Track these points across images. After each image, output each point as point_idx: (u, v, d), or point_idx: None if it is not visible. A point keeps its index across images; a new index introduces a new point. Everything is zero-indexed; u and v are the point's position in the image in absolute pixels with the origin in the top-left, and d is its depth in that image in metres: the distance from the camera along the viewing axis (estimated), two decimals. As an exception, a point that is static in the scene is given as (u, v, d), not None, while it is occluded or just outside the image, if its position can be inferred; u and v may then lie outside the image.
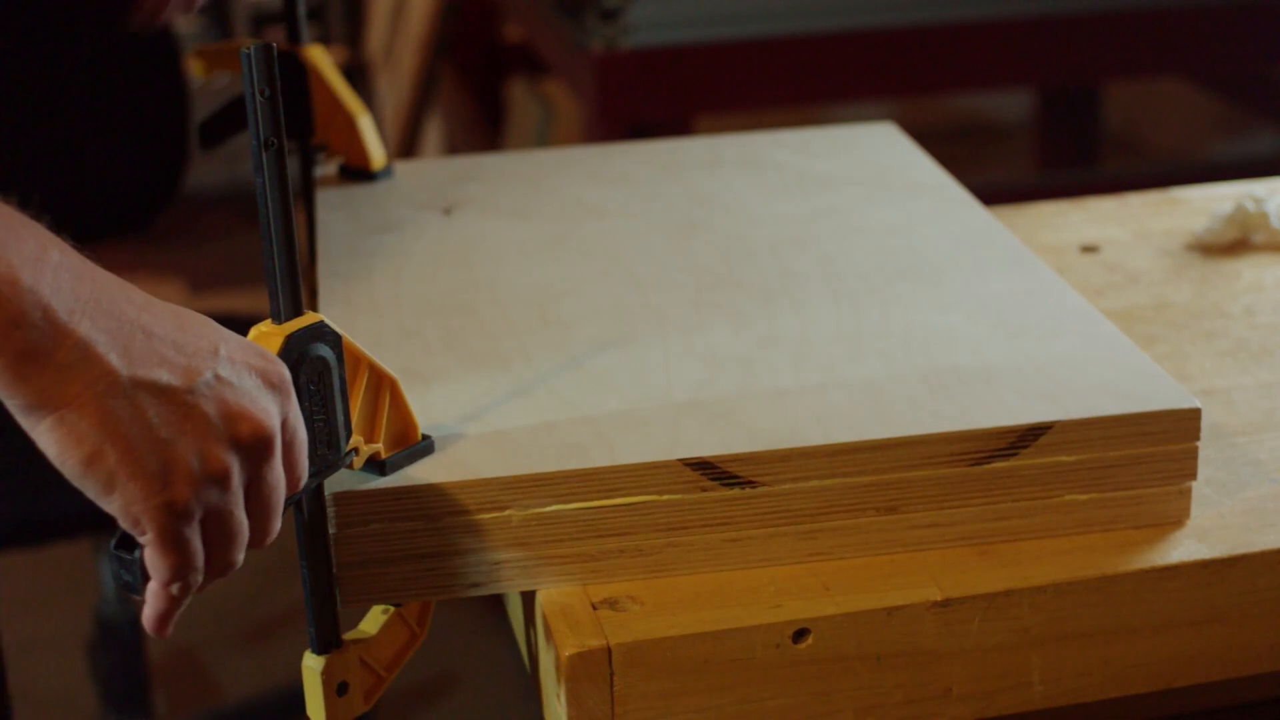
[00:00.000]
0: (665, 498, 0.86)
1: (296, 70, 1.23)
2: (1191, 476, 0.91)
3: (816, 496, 0.87)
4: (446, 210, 1.19)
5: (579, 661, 0.82)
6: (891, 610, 0.85)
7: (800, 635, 0.84)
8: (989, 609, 0.86)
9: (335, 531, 0.84)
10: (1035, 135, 3.14)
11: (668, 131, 1.95)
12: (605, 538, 0.86)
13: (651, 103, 2.11)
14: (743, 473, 0.86)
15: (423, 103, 3.11)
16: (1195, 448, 0.90)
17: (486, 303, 1.04)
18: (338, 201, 1.21)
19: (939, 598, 0.85)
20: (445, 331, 1.00)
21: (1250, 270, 1.23)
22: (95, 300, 0.69)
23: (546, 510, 0.85)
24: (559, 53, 2.27)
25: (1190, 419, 0.89)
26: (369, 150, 1.24)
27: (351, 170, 1.25)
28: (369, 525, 0.84)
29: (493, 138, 2.99)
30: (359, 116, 1.23)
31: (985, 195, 1.24)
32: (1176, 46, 2.26)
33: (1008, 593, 0.86)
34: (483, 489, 0.85)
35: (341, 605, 0.86)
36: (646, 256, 1.10)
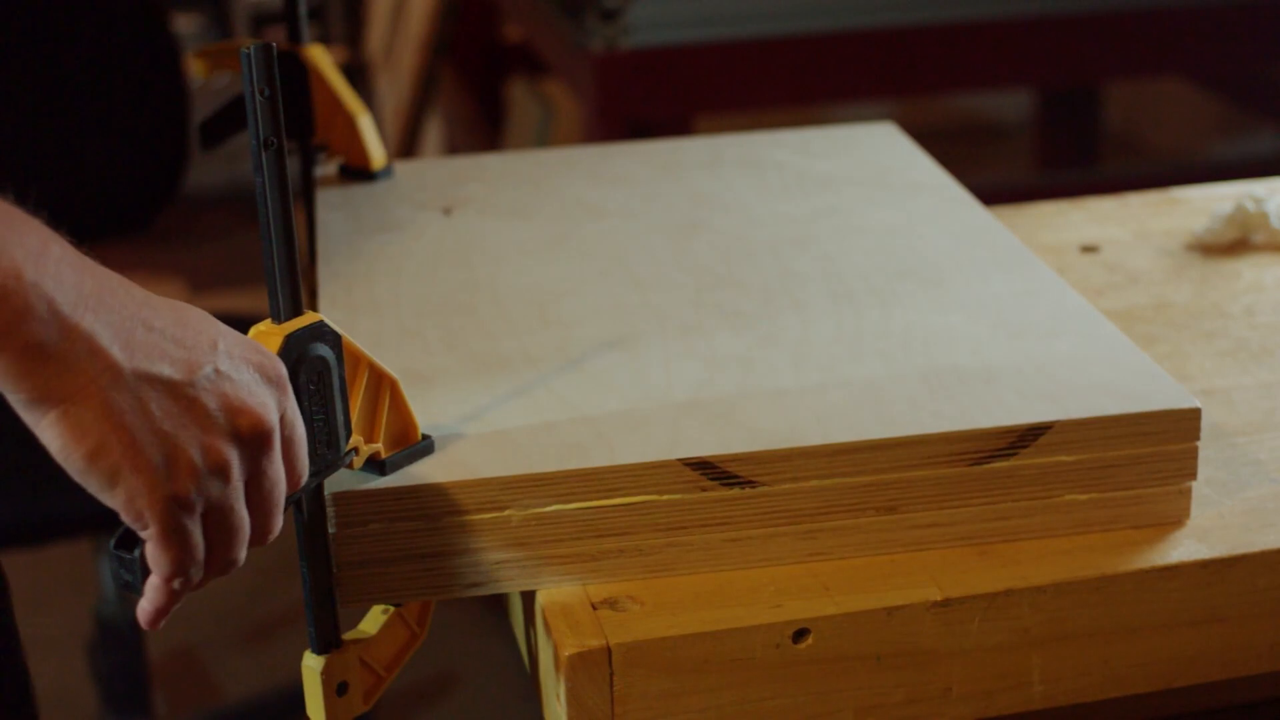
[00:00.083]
0: (665, 498, 0.86)
1: (297, 70, 1.23)
2: (1191, 476, 0.91)
3: (816, 496, 0.87)
4: (446, 210, 1.19)
5: (579, 661, 0.81)
6: (891, 610, 0.85)
7: (800, 635, 0.84)
8: (989, 609, 0.86)
9: (335, 531, 0.84)
10: (1035, 135, 3.14)
11: (668, 131, 1.95)
12: (605, 538, 0.86)
13: (651, 103, 2.11)
14: (743, 473, 0.86)
15: (423, 103, 3.11)
16: (1195, 448, 0.90)
17: (486, 303, 1.04)
18: (338, 201, 1.21)
19: (939, 598, 0.85)
20: (445, 331, 1.00)
21: (1250, 270, 1.23)
22: (97, 295, 0.69)
23: (546, 510, 0.85)
24: (559, 53, 2.27)
25: (1190, 419, 0.89)
26: (369, 150, 1.24)
27: (351, 170, 1.25)
28: (369, 525, 0.84)
29: (493, 138, 2.99)
30: (359, 116, 1.23)
31: (985, 195, 1.24)
32: (1176, 46, 2.26)
33: (1008, 593, 0.86)
34: (483, 489, 0.85)
35: (341, 605, 0.85)
36: (646, 256, 1.10)
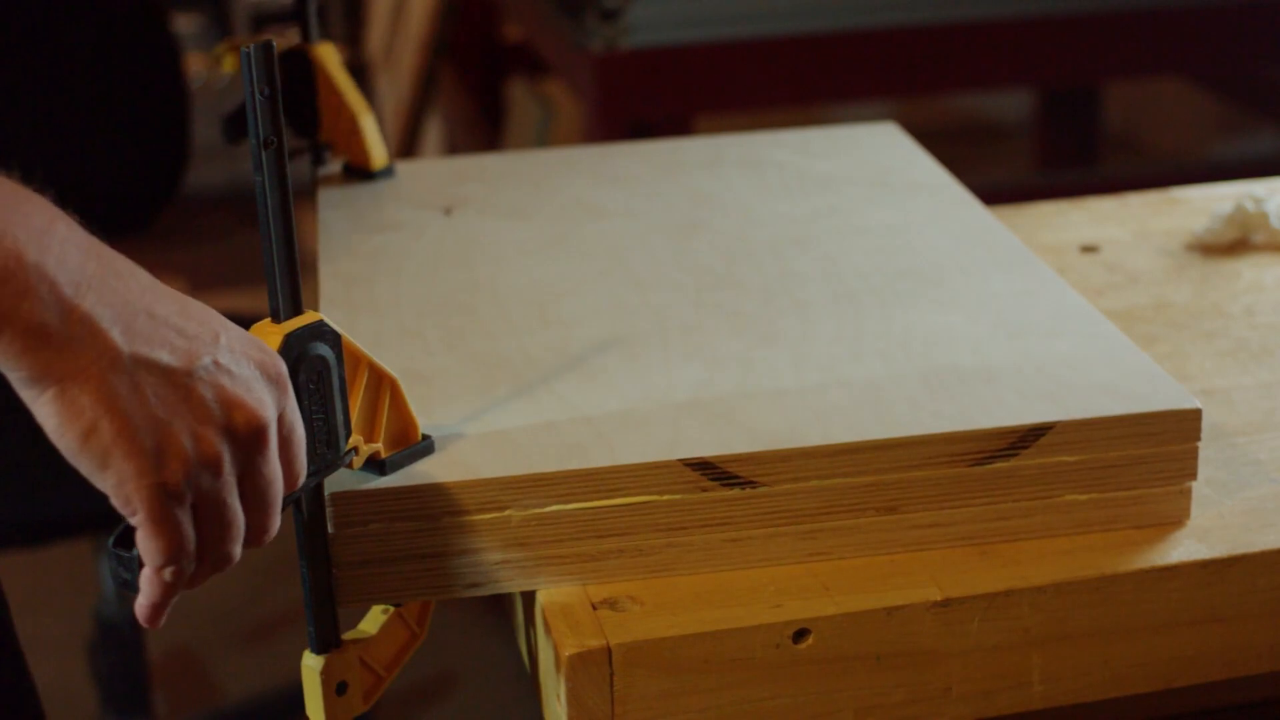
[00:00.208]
0: (665, 498, 0.86)
1: (305, 68, 1.23)
2: (1191, 476, 0.91)
3: (816, 496, 0.87)
4: (446, 210, 1.19)
5: (579, 661, 0.81)
6: (891, 610, 0.85)
7: (800, 635, 0.84)
8: (989, 609, 0.86)
9: (334, 531, 0.84)
10: (1035, 135, 3.14)
11: (668, 131, 1.95)
12: (605, 538, 0.86)
13: (651, 103, 2.11)
14: (743, 473, 0.86)
15: (423, 103, 3.11)
16: (1195, 448, 0.90)
17: (486, 303, 1.04)
18: (339, 201, 1.21)
19: (939, 598, 0.85)
20: (445, 331, 1.00)
21: (1250, 270, 1.23)
22: (100, 278, 0.69)
23: (546, 510, 0.85)
24: (559, 53, 2.27)
25: (1191, 419, 0.89)
26: (370, 150, 1.24)
27: (352, 170, 1.25)
28: (368, 525, 0.84)
29: (493, 138, 2.99)
30: (361, 116, 1.23)
31: (985, 195, 1.24)
32: (1176, 46, 2.26)
33: (1008, 593, 0.86)
34: (483, 489, 0.85)
35: (341, 605, 0.85)
36: (646, 256, 1.10)
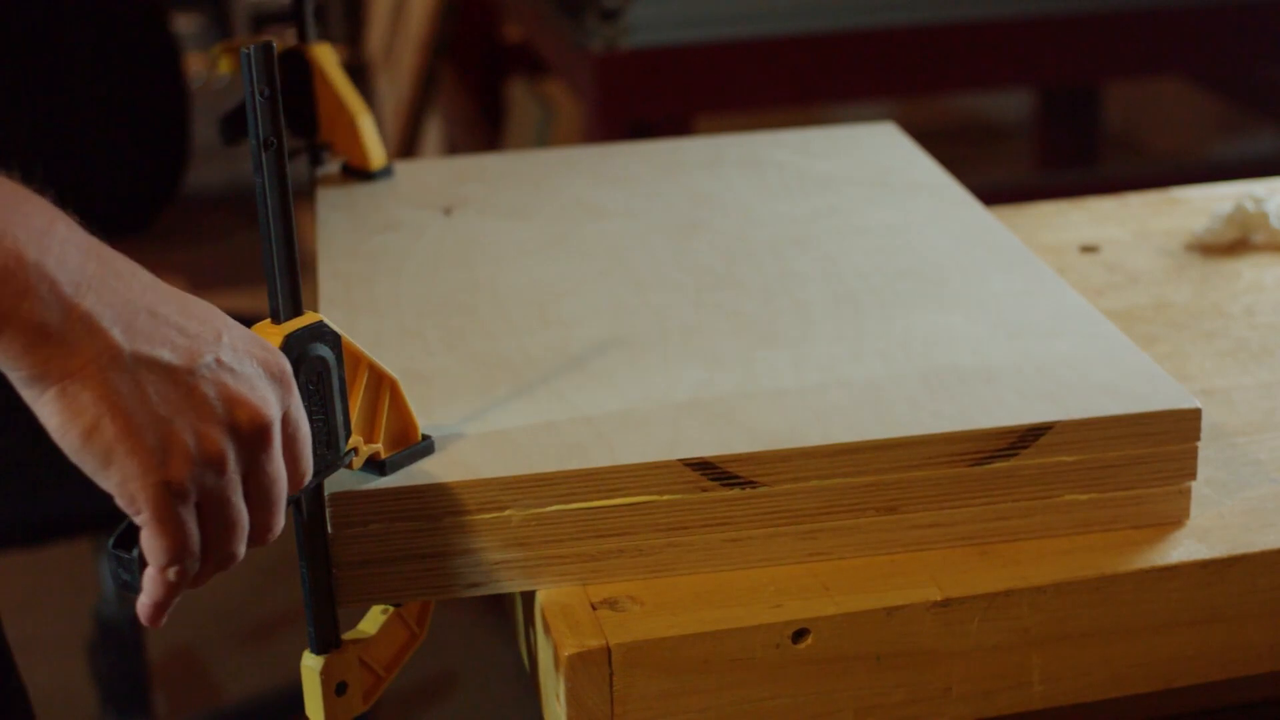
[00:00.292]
0: (665, 498, 0.86)
1: (303, 68, 1.23)
2: (1191, 476, 0.91)
3: (816, 496, 0.87)
4: (446, 210, 1.19)
5: (579, 661, 0.81)
6: (891, 610, 0.85)
7: (800, 635, 0.84)
8: (989, 609, 0.86)
9: (334, 531, 0.84)
10: (1035, 135, 3.14)
11: (668, 131, 1.95)
12: (605, 538, 0.86)
13: (651, 103, 2.11)
14: (743, 473, 0.86)
15: (423, 103, 3.11)
16: (1195, 448, 0.90)
17: (486, 303, 1.04)
18: (338, 201, 1.21)
19: (939, 598, 0.85)
20: (445, 331, 1.00)
21: (1250, 270, 1.23)
22: (101, 277, 0.69)
23: (546, 510, 0.85)
24: (559, 53, 2.27)
25: (1190, 419, 0.89)
26: (369, 150, 1.24)
27: (351, 170, 1.25)
28: (368, 525, 0.84)
29: (493, 138, 2.99)
30: (360, 116, 1.23)
31: (985, 195, 1.24)
32: (1176, 46, 2.26)
33: (1008, 593, 0.86)
34: (483, 489, 0.85)
35: (341, 605, 0.85)
36: (646, 256, 1.10)
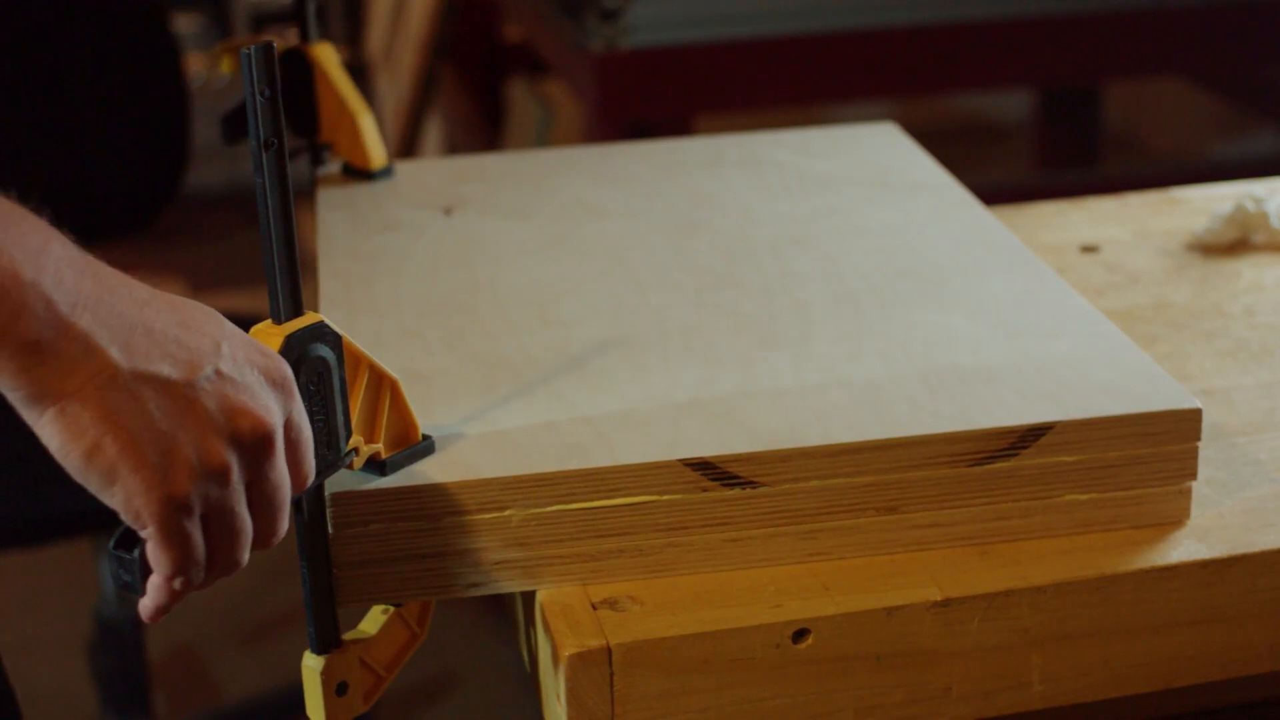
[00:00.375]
0: (665, 498, 0.86)
1: (304, 68, 1.23)
2: (1191, 476, 0.91)
3: (816, 496, 0.87)
4: (446, 210, 1.19)
5: (579, 661, 0.81)
6: (891, 610, 0.85)
7: (800, 635, 0.84)
8: (989, 609, 0.86)
9: (334, 531, 0.84)
10: (1035, 135, 3.14)
11: (668, 131, 1.95)
12: (605, 538, 0.86)
13: (651, 103, 2.11)
14: (743, 473, 0.86)
15: (423, 103, 3.11)
16: (1195, 448, 0.90)
17: (486, 303, 1.04)
18: (339, 201, 1.21)
19: (939, 598, 0.85)
20: (445, 331, 1.00)
21: (1250, 270, 1.23)
22: (96, 295, 0.69)
23: (547, 510, 0.85)
24: (559, 53, 2.27)
25: (1191, 419, 0.89)
26: (369, 150, 1.24)
27: (352, 170, 1.25)
28: (369, 525, 0.84)
29: (493, 138, 2.99)
30: (360, 116, 1.23)
31: (985, 195, 1.24)
32: (1176, 46, 2.26)
33: (1008, 593, 0.86)
34: (483, 489, 0.85)
35: (341, 605, 0.85)
36: (646, 256, 1.10)
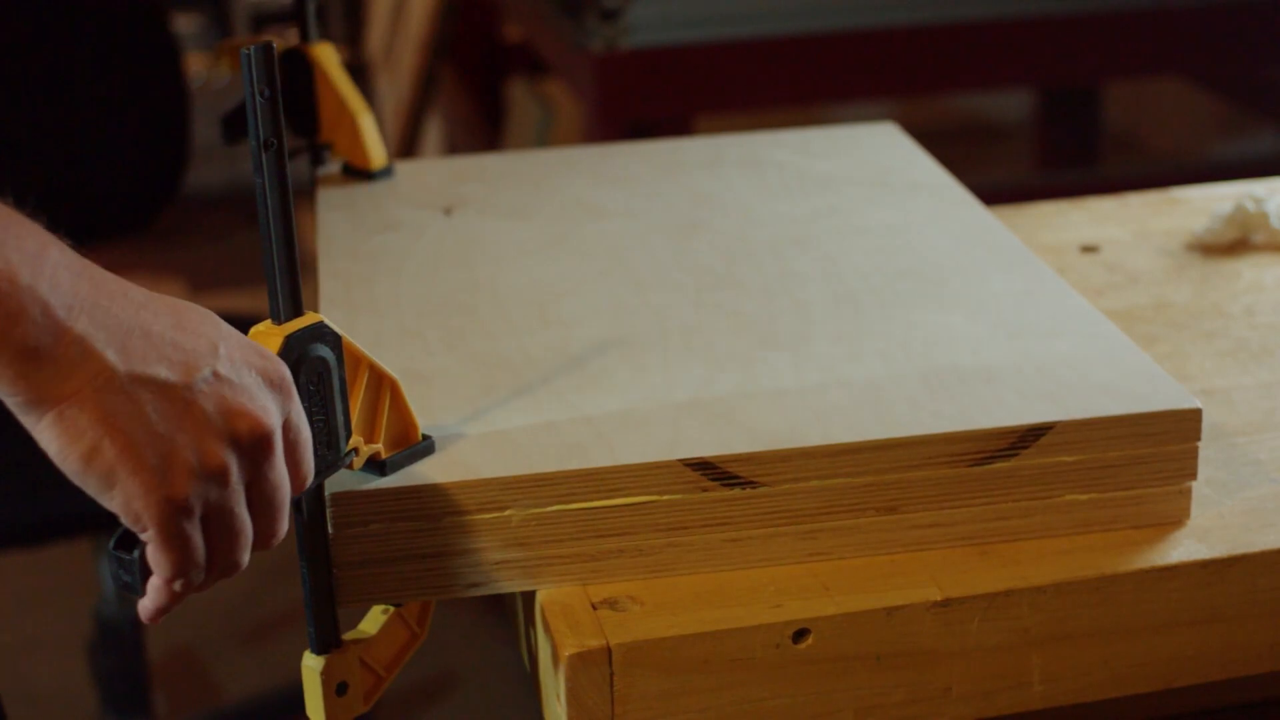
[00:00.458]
0: (665, 498, 0.86)
1: (304, 68, 1.23)
2: (1191, 476, 0.91)
3: (816, 496, 0.87)
4: (446, 210, 1.19)
5: (579, 661, 0.81)
6: (891, 610, 0.85)
7: (800, 635, 0.84)
8: (989, 609, 0.86)
9: (334, 531, 0.84)
10: (1035, 135, 3.14)
11: (668, 131, 1.95)
12: (605, 538, 0.86)
13: (651, 103, 2.11)
14: (743, 473, 0.86)
15: (423, 103, 3.11)
16: (1195, 448, 0.90)
17: (486, 303, 1.04)
18: (338, 201, 1.21)
19: (939, 598, 0.85)
20: (445, 331, 1.00)
21: (1250, 270, 1.23)
22: (93, 299, 0.69)
23: (546, 510, 0.85)
24: (559, 53, 2.27)
25: (1191, 419, 0.89)
26: (369, 150, 1.24)
27: (352, 170, 1.25)
28: (369, 525, 0.84)
29: (493, 138, 2.99)
30: (360, 116, 1.23)
31: (985, 195, 1.24)
32: (1176, 46, 2.26)
33: (1008, 593, 0.86)
34: (483, 489, 0.85)
35: (341, 605, 0.85)
36: (646, 256, 1.10)
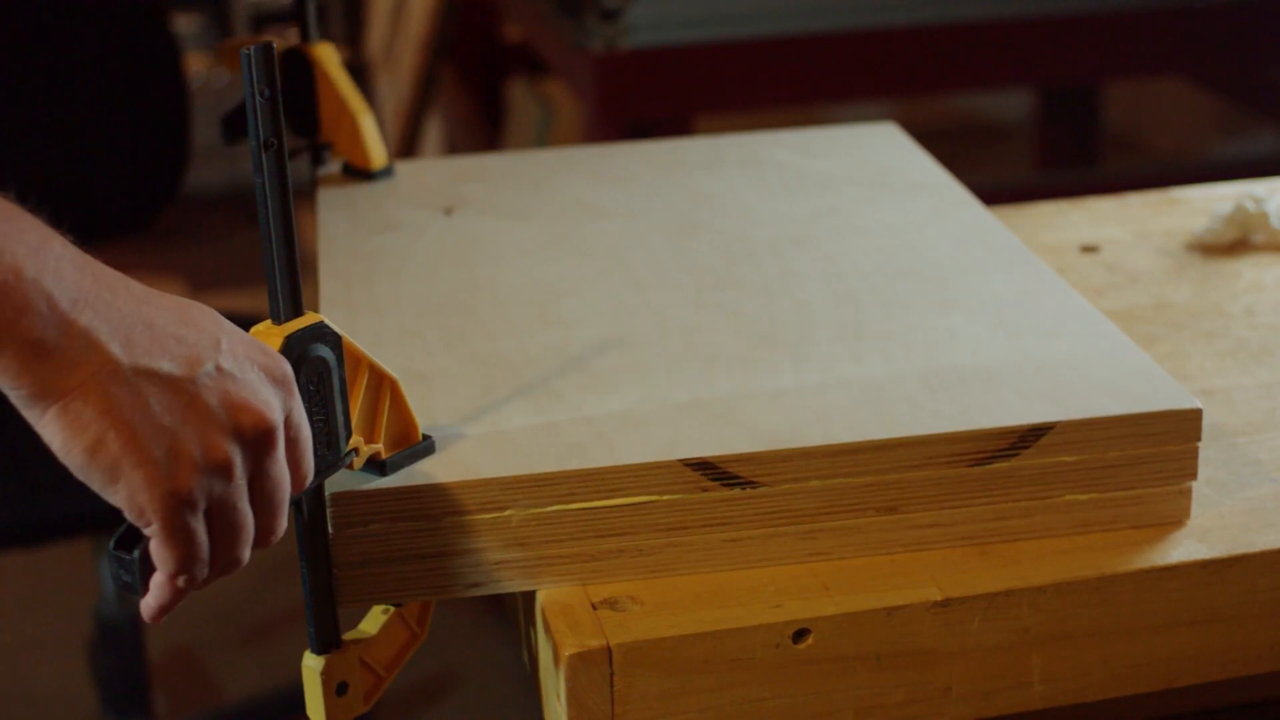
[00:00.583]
0: (665, 498, 0.86)
1: (305, 68, 1.23)
2: (1192, 476, 0.91)
3: (816, 496, 0.87)
4: (447, 210, 1.19)
5: (579, 661, 0.82)
6: (891, 610, 0.85)
7: (800, 635, 0.84)
8: (989, 609, 0.86)
9: (334, 531, 0.84)
10: (1035, 135, 3.14)
11: (668, 131, 1.95)
12: (605, 538, 0.86)
13: (651, 103, 2.11)
14: (743, 473, 0.86)
15: (423, 103, 3.11)
16: (1195, 448, 0.90)
17: (486, 303, 1.04)
18: (339, 201, 1.21)
19: (939, 598, 0.85)
20: (445, 331, 1.00)
21: (1250, 270, 1.23)
22: (96, 292, 0.69)
23: (547, 510, 0.85)
24: (559, 53, 2.27)
25: (1191, 419, 0.89)
26: (370, 150, 1.24)
27: (352, 170, 1.25)
28: (369, 525, 0.84)
29: (493, 138, 2.99)
30: (361, 116, 1.23)
31: (985, 195, 1.24)
32: (1176, 46, 2.26)
33: (1008, 593, 0.86)
34: (483, 489, 0.85)
35: (341, 605, 0.85)
36: (646, 256, 1.10)
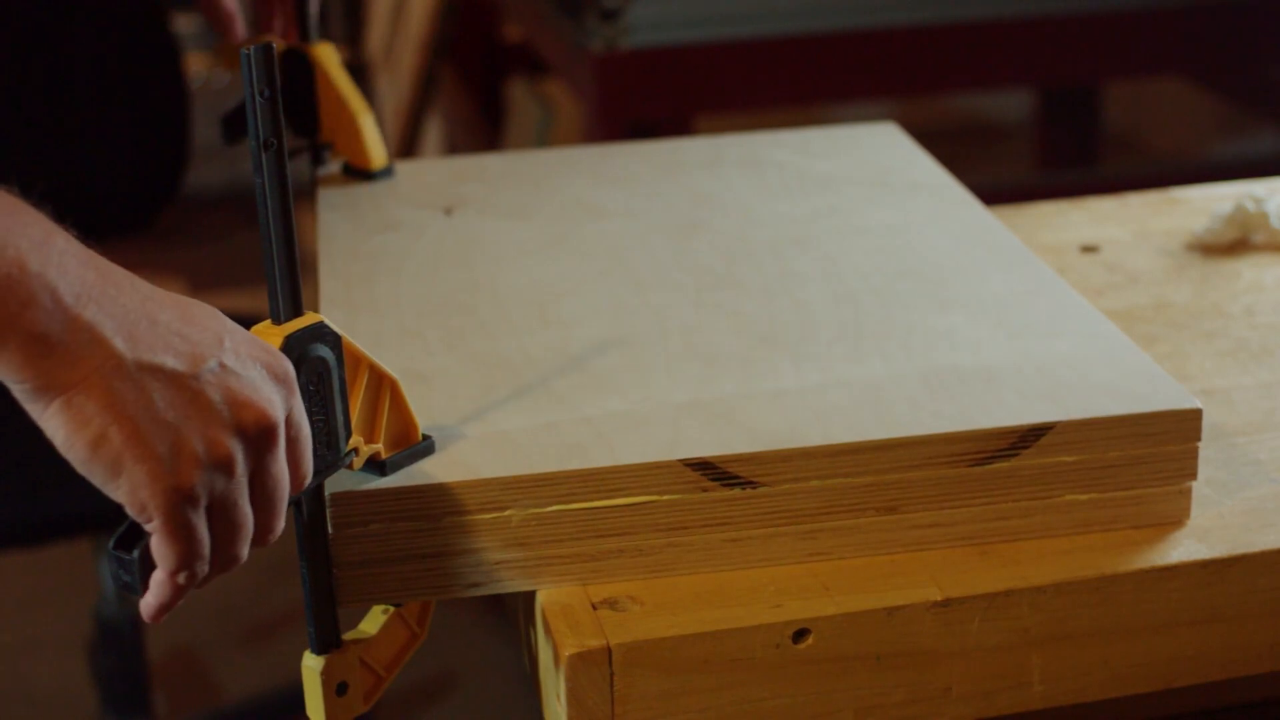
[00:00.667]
0: (665, 498, 0.86)
1: (305, 68, 1.23)
2: (1192, 476, 0.91)
3: (816, 496, 0.87)
4: (447, 210, 1.19)
5: (579, 661, 0.82)
6: (891, 610, 0.85)
7: (800, 635, 0.84)
8: (989, 609, 0.86)
9: (334, 531, 0.84)
10: (1035, 135, 3.14)
11: (668, 131, 1.95)
12: (605, 538, 0.86)
13: (651, 103, 2.11)
14: (743, 473, 0.86)
15: (423, 103, 3.11)
16: (1195, 448, 0.90)
17: (486, 303, 1.04)
18: (339, 201, 1.21)
19: (939, 598, 0.85)
20: (445, 331, 1.00)
21: (1250, 270, 1.23)
22: (100, 287, 0.69)
23: (547, 510, 0.85)
24: (559, 53, 2.27)
25: (1191, 419, 0.89)
26: (370, 150, 1.24)
27: (352, 170, 1.25)
28: (369, 525, 0.84)
29: (493, 138, 2.99)
30: (361, 116, 1.23)
31: (985, 195, 1.24)
32: (1176, 46, 2.26)
33: (1008, 593, 0.86)
34: (483, 489, 0.85)
35: (341, 605, 0.85)
36: (646, 256, 1.10)
